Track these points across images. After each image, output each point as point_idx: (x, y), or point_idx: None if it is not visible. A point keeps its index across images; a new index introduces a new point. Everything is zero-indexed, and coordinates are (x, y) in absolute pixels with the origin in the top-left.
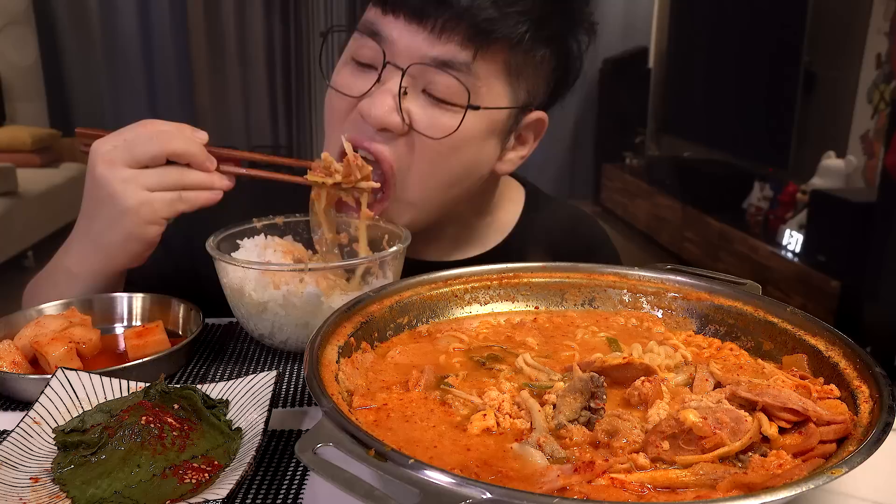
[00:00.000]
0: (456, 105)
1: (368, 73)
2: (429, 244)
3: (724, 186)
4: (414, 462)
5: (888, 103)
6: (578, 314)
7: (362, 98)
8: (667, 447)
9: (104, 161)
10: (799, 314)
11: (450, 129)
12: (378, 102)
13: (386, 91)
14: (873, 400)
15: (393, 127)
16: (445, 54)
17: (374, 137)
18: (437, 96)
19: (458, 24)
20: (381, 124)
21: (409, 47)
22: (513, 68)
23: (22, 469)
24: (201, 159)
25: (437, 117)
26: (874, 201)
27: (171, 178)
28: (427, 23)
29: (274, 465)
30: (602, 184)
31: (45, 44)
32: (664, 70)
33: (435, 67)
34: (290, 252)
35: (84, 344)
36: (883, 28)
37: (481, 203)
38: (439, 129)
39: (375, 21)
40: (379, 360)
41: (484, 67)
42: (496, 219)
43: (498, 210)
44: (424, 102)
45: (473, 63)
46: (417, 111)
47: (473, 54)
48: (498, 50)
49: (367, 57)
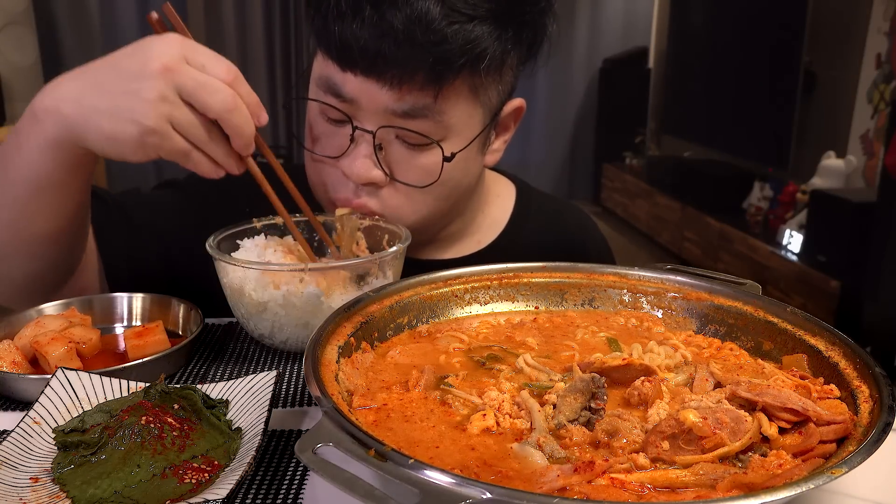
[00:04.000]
0: (432, 143)
1: (340, 129)
2: (423, 243)
3: (724, 186)
4: (414, 462)
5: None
6: (578, 314)
7: (341, 157)
8: (667, 447)
9: (167, 66)
10: (799, 314)
11: (432, 172)
12: (357, 164)
13: (362, 152)
14: (873, 400)
15: (376, 181)
16: (407, 105)
17: (359, 193)
18: (413, 142)
19: (416, 72)
20: (364, 181)
21: (372, 102)
22: (479, 87)
23: (22, 469)
24: (243, 143)
25: (416, 161)
26: (874, 201)
27: (199, 136)
28: (384, 77)
29: (274, 465)
30: (602, 184)
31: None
32: (664, 70)
33: (401, 122)
34: (290, 252)
35: (84, 344)
36: (883, 28)
37: (472, 202)
38: (421, 175)
39: (335, 79)
40: (379, 360)
41: (448, 102)
42: (488, 216)
43: (489, 207)
44: (402, 151)
45: (436, 104)
46: (396, 161)
47: (435, 96)
48: (460, 81)
49: (336, 114)
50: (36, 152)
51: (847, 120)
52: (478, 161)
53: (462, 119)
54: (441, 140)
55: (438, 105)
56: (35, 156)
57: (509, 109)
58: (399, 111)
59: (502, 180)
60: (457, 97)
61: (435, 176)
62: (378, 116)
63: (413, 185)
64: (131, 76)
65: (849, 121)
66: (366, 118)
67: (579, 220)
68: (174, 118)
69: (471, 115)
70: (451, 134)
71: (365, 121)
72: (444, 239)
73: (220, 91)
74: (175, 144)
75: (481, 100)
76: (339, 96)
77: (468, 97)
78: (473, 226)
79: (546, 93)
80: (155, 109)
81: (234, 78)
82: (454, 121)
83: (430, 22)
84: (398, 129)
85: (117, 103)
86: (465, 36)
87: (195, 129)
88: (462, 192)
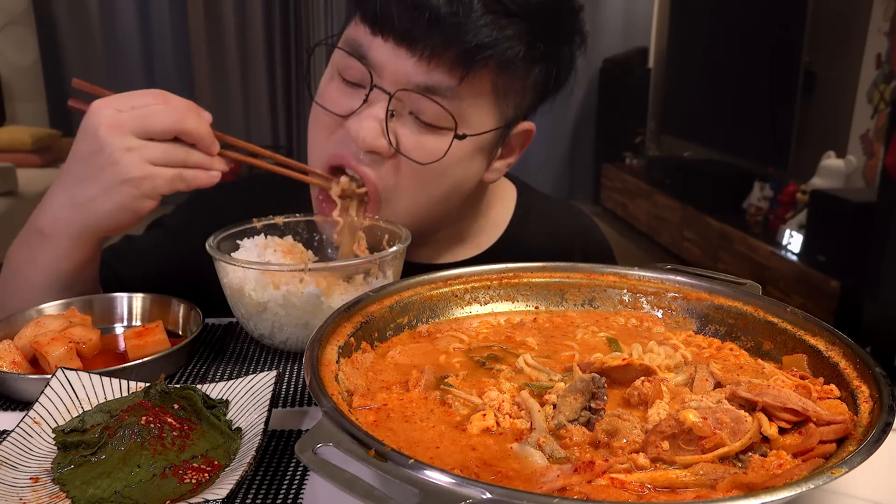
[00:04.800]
0: (443, 128)
1: (356, 91)
2: (422, 247)
3: (724, 186)
4: (414, 462)
5: (888, 103)
6: (578, 314)
7: (349, 116)
8: (667, 447)
9: (111, 125)
10: (799, 314)
11: (437, 153)
12: (365, 125)
13: (373, 114)
14: (873, 400)
15: (380, 150)
16: (432, 80)
17: (361, 159)
18: (425, 120)
19: (447, 49)
20: (368, 147)
21: (397, 72)
22: (501, 88)
23: (22, 469)
24: (208, 142)
25: (424, 141)
26: (874, 201)
27: (177, 156)
28: (416, 48)
29: (274, 465)
30: (602, 184)
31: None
32: (664, 70)
33: (421, 93)
34: (290, 252)
35: (84, 344)
36: (883, 28)
37: (472, 205)
38: (426, 154)
39: (363, 42)
40: (379, 360)
41: (470, 90)
42: (489, 219)
43: (490, 210)
44: (412, 125)
45: (459, 87)
46: (405, 134)
47: (460, 79)
48: (487, 73)
49: (355, 76)
50: (52, 261)
51: (847, 120)
52: (479, 168)
53: (477, 113)
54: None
55: (461, 89)
56: (53, 264)
57: (519, 129)
58: (422, 85)
59: (503, 182)
60: (480, 88)
61: (439, 155)
62: (399, 85)
63: (416, 160)
64: (93, 156)
65: (849, 121)
66: (386, 84)
67: (581, 221)
68: (148, 157)
69: (486, 113)
70: (462, 124)
71: (385, 86)
72: (444, 242)
73: (161, 111)
74: (166, 175)
75: (499, 104)
76: (364, 59)
77: (489, 94)
78: (474, 228)
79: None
80: (129, 161)
81: (163, 98)
82: (470, 111)
83: (471, 6)
84: (416, 97)
85: (101, 182)
86: (499, 30)
87: (169, 152)
88: (456, 197)
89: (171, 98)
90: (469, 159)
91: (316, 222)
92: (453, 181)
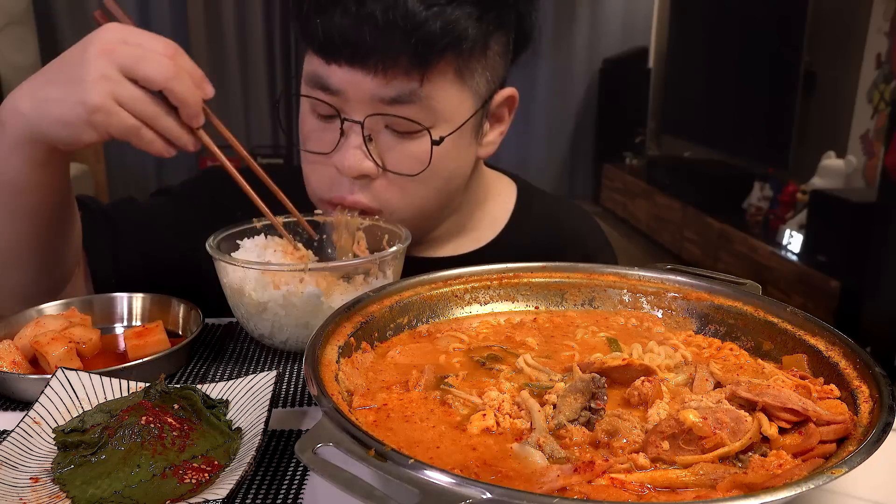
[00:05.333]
0: (421, 129)
1: (331, 124)
2: (423, 241)
3: (724, 186)
4: (414, 462)
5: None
6: (578, 314)
7: (333, 153)
8: (667, 447)
9: (103, 49)
10: (799, 314)
11: (423, 160)
12: (348, 156)
13: (352, 144)
14: (873, 400)
15: (368, 172)
16: (394, 91)
17: (353, 189)
18: (401, 130)
19: (398, 55)
20: (356, 173)
21: (359, 93)
22: (465, 72)
23: (22, 469)
24: (192, 112)
25: (406, 150)
26: (874, 201)
27: (145, 110)
28: (369, 64)
29: (274, 465)
30: (602, 184)
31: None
32: (664, 70)
33: (388, 110)
34: (290, 252)
35: (84, 344)
36: (883, 28)
37: (471, 194)
38: (413, 164)
39: (321, 73)
40: (379, 360)
41: (436, 87)
42: (488, 213)
43: (489, 204)
44: (391, 139)
45: (422, 88)
46: (386, 150)
47: (420, 81)
48: (445, 64)
49: (325, 109)
50: (4, 154)
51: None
52: (471, 150)
53: (450, 104)
54: (430, 127)
55: (425, 90)
56: (3, 157)
57: (500, 98)
58: (386, 98)
59: (503, 179)
60: (443, 81)
61: (425, 163)
62: (366, 106)
63: (404, 174)
64: (74, 64)
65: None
66: (354, 110)
67: (581, 219)
68: (118, 95)
69: (459, 100)
70: (439, 120)
71: (353, 112)
72: (443, 236)
73: (160, 61)
74: (123, 121)
75: (469, 85)
76: (327, 89)
77: (455, 82)
78: (472, 222)
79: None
80: (97, 87)
81: (173, 52)
82: (442, 106)
83: (408, 6)
84: (386, 117)
85: (64, 90)
86: (444, 18)
87: (141, 103)
88: (457, 183)
89: (180, 56)
90: (457, 150)
91: (317, 221)
92: (448, 173)
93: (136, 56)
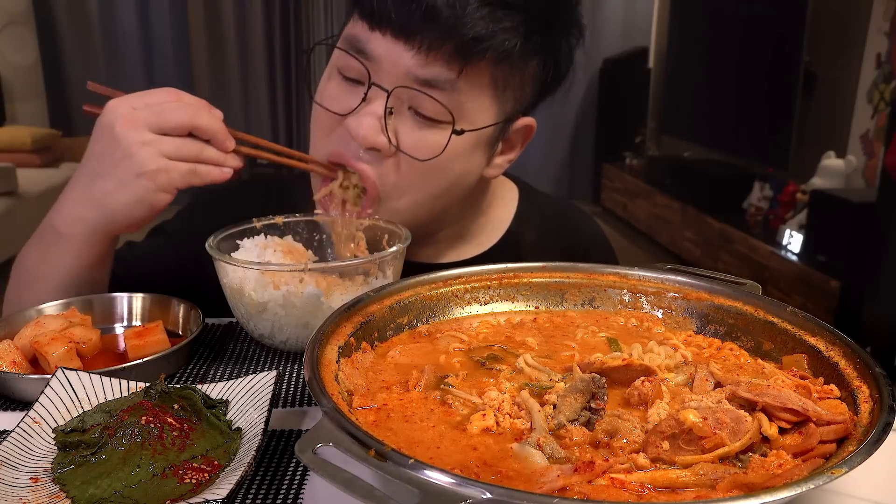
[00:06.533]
0: (443, 123)
1: (355, 88)
2: (423, 246)
3: (724, 186)
4: (414, 462)
5: (888, 103)
6: (578, 314)
7: (348, 115)
8: (667, 447)
9: (126, 121)
10: (799, 314)
11: (436, 149)
12: (365, 123)
13: (372, 111)
14: (873, 400)
15: (380, 147)
16: (430, 73)
17: (361, 156)
18: (424, 114)
19: (445, 42)
20: (368, 144)
21: (395, 66)
22: (499, 81)
23: (22, 469)
24: (222, 138)
25: (423, 137)
26: (874, 201)
27: (191, 150)
28: (413, 41)
29: (274, 465)
30: (602, 184)
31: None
32: (664, 70)
33: (420, 87)
34: (290, 252)
35: (84, 344)
36: (883, 28)
37: (474, 203)
38: (426, 150)
39: (361, 37)
40: (379, 360)
41: (469, 83)
42: (490, 218)
43: (492, 209)
44: (411, 121)
45: (458, 80)
46: (404, 131)
47: (459, 72)
48: (485, 66)
49: (354, 73)
50: (67, 260)
51: (847, 120)
52: (480, 162)
53: (477, 107)
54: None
55: (460, 82)
56: (66, 263)
57: (520, 125)
58: (421, 78)
59: (505, 182)
60: (479, 82)
61: (438, 151)
62: (399, 80)
63: (416, 157)
64: (109, 151)
65: (849, 121)
66: (384, 80)
67: (583, 222)
68: (164, 150)
69: (486, 107)
70: (462, 118)
71: (383, 82)
72: (445, 241)
73: (176, 108)
74: (180, 168)
75: (498, 96)
76: (363, 53)
77: (488, 87)
78: (475, 227)
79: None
80: (144, 154)
81: (176, 95)
82: (470, 105)
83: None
84: (414, 93)
85: (116, 175)
86: (496, 22)
87: (184, 147)
88: (458, 191)
89: (183, 95)
90: (469, 154)
91: (316, 221)
92: (454, 177)
93: (156, 112)
